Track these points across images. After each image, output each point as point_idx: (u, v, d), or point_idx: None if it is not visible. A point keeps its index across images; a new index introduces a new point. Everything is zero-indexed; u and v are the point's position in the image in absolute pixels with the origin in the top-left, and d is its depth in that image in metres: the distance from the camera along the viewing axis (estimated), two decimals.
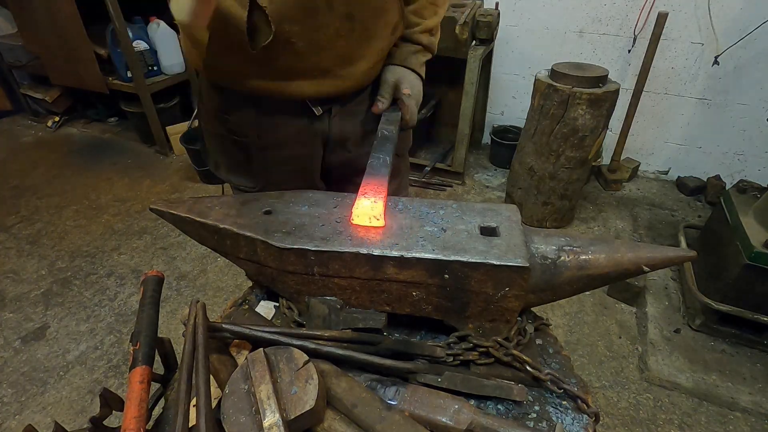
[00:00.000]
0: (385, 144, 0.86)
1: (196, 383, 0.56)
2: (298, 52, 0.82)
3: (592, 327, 2.06)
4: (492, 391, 0.67)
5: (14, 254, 2.52)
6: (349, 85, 0.93)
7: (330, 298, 0.73)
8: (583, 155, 2.37)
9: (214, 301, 2.21)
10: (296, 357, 0.60)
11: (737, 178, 2.82)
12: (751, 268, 1.74)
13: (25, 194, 3.03)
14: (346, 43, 0.85)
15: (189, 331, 0.62)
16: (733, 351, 1.92)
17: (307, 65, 0.85)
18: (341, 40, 0.84)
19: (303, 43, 0.81)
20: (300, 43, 0.81)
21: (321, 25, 0.80)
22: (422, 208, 0.76)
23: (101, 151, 3.58)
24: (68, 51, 3.12)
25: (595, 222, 2.76)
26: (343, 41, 0.84)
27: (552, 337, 0.81)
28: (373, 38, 0.89)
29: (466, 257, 0.64)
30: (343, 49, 0.86)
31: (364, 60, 0.91)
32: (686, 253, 0.69)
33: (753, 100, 2.68)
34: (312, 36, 0.81)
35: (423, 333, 0.80)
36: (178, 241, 2.58)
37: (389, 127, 0.92)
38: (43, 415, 1.72)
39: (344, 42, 0.85)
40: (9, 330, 2.07)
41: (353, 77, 0.92)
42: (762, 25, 2.42)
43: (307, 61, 0.85)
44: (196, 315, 0.63)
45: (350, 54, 0.88)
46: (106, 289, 2.29)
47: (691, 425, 1.66)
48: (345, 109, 0.99)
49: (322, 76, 0.88)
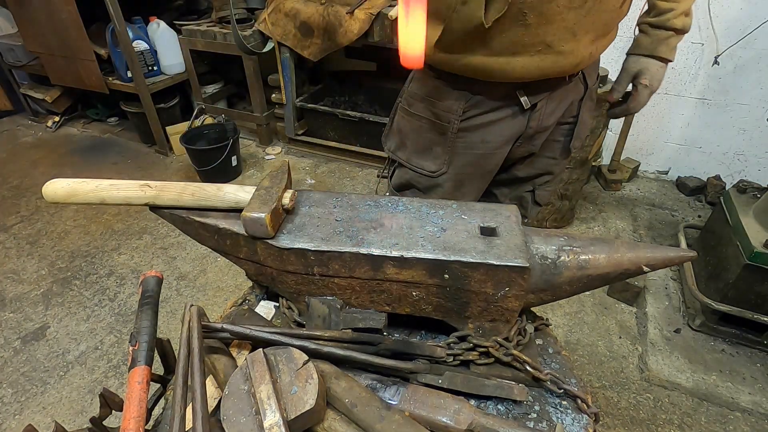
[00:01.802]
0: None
1: (192, 387, 0.56)
2: (527, 24, 0.81)
3: (592, 327, 2.06)
4: (493, 391, 0.67)
5: (14, 254, 2.52)
6: (569, 62, 0.90)
7: (330, 298, 0.73)
8: (583, 155, 2.37)
9: (214, 301, 2.21)
10: (296, 357, 0.60)
11: (737, 178, 2.82)
12: (751, 268, 1.74)
13: (25, 194, 3.03)
14: (576, 15, 0.82)
15: (183, 335, 0.62)
16: (733, 351, 1.92)
17: (532, 39, 0.84)
18: (572, 12, 0.81)
19: (534, 15, 0.80)
20: (531, 15, 0.80)
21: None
22: (422, 208, 0.76)
23: (101, 151, 3.58)
24: (68, 51, 3.13)
25: (595, 222, 2.75)
26: (573, 13, 0.82)
27: (552, 337, 0.81)
28: (602, 10, 0.86)
29: (466, 257, 0.64)
30: (571, 22, 0.83)
31: (588, 34, 0.88)
32: (686, 253, 0.69)
33: (753, 100, 2.68)
34: (544, 8, 0.79)
35: (423, 333, 0.80)
36: (178, 241, 2.58)
37: None
38: (43, 415, 1.72)
39: (574, 14, 0.82)
40: (9, 330, 2.07)
41: (574, 53, 0.89)
42: (762, 25, 2.42)
43: (533, 35, 0.83)
44: (191, 319, 0.63)
45: (576, 27, 0.85)
46: (106, 289, 2.29)
47: (691, 425, 1.66)
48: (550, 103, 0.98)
49: (545, 52, 0.86)
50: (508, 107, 0.97)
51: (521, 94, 0.94)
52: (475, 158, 1.04)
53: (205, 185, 0.75)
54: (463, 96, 0.96)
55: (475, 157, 1.03)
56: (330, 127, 3.23)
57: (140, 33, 3.06)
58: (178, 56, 3.28)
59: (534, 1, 0.78)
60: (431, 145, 1.04)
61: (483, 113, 0.98)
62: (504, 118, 0.98)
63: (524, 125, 1.00)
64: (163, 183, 0.76)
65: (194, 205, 0.76)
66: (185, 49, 3.21)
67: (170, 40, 3.20)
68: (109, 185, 0.75)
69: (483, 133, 1.00)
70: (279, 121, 3.39)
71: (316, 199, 0.79)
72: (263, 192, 0.71)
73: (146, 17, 3.15)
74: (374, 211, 0.75)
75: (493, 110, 0.97)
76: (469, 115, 0.98)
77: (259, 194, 0.71)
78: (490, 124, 0.99)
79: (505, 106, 0.97)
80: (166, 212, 0.79)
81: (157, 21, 3.16)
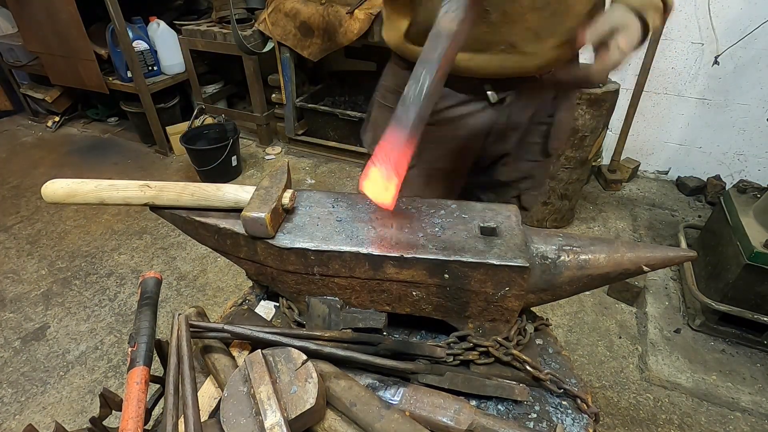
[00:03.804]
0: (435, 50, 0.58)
1: (183, 395, 0.56)
2: (491, 22, 0.82)
3: (592, 327, 2.06)
4: (494, 391, 0.67)
5: (14, 254, 2.52)
6: (533, 63, 0.90)
7: (330, 297, 0.73)
8: (583, 155, 2.37)
9: (214, 301, 2.21)
10: (294, 357, 0.60)
11: (737, 178, 2.82)
12: (751, 268, 1.74)
13: (25, 194, 3.03)
14: (539, 16, 0.83)
15: (173, 344, 0.62)
16: (733, 351, 1.92)
17: (495, 38, 0.85)
18: (535, 13, 0.82)
19: (497, 14, 0.81)
20: (495, 13, 0.81)
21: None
22: (422, 208, 0.76)
23: (101, 151, 3.58)
24: (68, 51, 3.13)
25: (595, 222, 2.75)
26: (536, 14, 0.83)
27: (552, 337, 0.81)
28: (567, 15, 0.86)
29: (466, 257, 0.64)
30: (534, 23, 0.84)
31: (552, 38, 0.88)
32: (686, 253, 0.69)
33: (753, 100, 2.68)
34: (507, 7, 0.80)
35: (423, 333, 0.80)
36: (178, 241, 2.58)
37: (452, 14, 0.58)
38: (43, 415, 1.72)
39: (537, 16, 0.83)
40: (9, 330, 2.07)
41: (538, 55, 0.89)
42: (762, 25, 2.42)
43: (496, 33, 0.84)
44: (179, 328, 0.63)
45: (540, 29, 0.86)
46: (106, 289, 2.29)
47: (691, 425, 1.66)
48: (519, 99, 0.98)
49: (508, 51, 0.87)
50: (476, 101, 0.97)
51: (488, 89, 0.94)
52: (445, 153, 1.03)
53: (205, 185, 0.75)
54: None
55: (446, 152, 1.03)
56: (330, 127, 3.23)
57: (140, 33, 3.06)
58: (178, 56, 3.28)
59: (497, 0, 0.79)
60: None
61: (451, 107, 0.98)
62: (473, 112, 0.98)
63: (494, 120, 1.00)
64: (163, 183, 0.76)
65: (194, 205, 0.76)
66: (185, 49, 3.21)
67: (170, 40, 3.20)
68: (108, 185, 0.75)
69: (453, 128, 1.01)
70: (279, 121, 3.39)
71: (316, 199, 0.79)
72: (263, 192, 0.71)
73: (146, 17, 3.14)
74: (374, 211, 0.75)
75: (461, 104, 0.98)
76: (438, 108, 0.98)
77: (259, 194, 0.71)
78: (460, 118, 0.99)
79: (474, 100, 0.97)
80: (166, 212, 0.79)
81: (157, 21, 3.16)
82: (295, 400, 0.55)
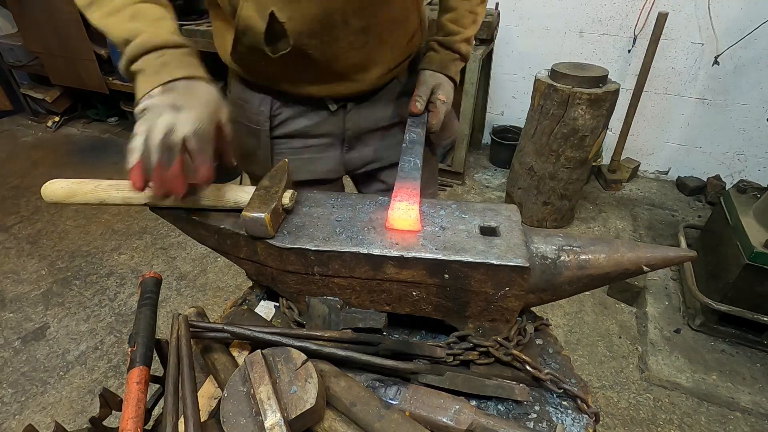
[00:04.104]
0: (414, 147, 0.88)
1: (183, 395, 0.56)
2: (314, 60, 0.85)
3: (592, 327, 2.06)
4: (494, 391, 0.67)
5: (14, 254, 2.52)
6: (364, 88, 0.96)
7: (330, 298, 0.73)
8: (583, 155, 2.37)
9: (214, 301, 2.21)
10: (294, 357, 0.60)
11: (737, 178, 2.82)
12: (751, 268, 1.74)
13: (25, 194, 3.03)
14: (360, 53, 0.87)
15: (173, 344, 0.62)
16: (733, 351, 1.92)
17: (323, 73, 0.89)
18: (355, 52, 0.86)
19: (318, 55, 0.84)
20: (316, 54, 0.83)
21: (336, 39, 0.82)
22: (422, 208, 0.76)
23: (101, 151, 3.58)
24: (68, 51, 3.13)
25: (595, 222, 2.76)
26: (356, 52, 0.87)
27: (552, 337, 0.81)
28: (389, 47, 0.92)
29: (466, 257, 0.64)
30: (357, 59, 0.88)
31: (378, 67, 0.93)
32: (686, 253, 0.69)
33: (753, 100, 2.68)
34: (326, 49, 0.83)
35: (423, 333, 0.80)
36: (178, 241, 2.58)
37: (417, 129, 0.94)
38: (43, 415, 1.72)
39: (357, 53, 0.87)
40: (9, 330, 2.07)
41: (367, 81, 0.94)
42: (762, 25, 2.42)
43: (323, 69, 0.88)
44: (179, 328, 0.63)
45: (364, 62, 0.90)
46: (106, 289, 2.29)
47: (691, 425, 1.66)
48: (361, 106, 1.01)
49: (338, 81, 0.91)
50: (318, 110, 0.98)
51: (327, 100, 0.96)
52: (304, 163, 1.03)
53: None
54: (267, 100, 0.97)
55: (304, 162, 1.03)
56: None
57: None
58: None
59: (317, 44, 0.81)
60: (254, 150, 1.04)
61: (294, 118, 0.99)
62: (318, 122, 0.99)
63: (341, 127, 1.01)
64: None
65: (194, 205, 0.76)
66: None
67: None
68: (108, 185, 0.75)
69: (303, 140, 1.01)
70: None
71: (316, 199, 0.79)
72: (263, 192, 0.71)
73: None
74: (374, 211, 0.75)
75: (303, 115, 0.98)
76: (280, 120, 0.99)
77: (259, 194, 0.71)
78: (307, 128, 1.00)
79: (315, 109, 0.98)
80: (166, 212, 0.79)
81: None
82: (295, 400, 0.55)
